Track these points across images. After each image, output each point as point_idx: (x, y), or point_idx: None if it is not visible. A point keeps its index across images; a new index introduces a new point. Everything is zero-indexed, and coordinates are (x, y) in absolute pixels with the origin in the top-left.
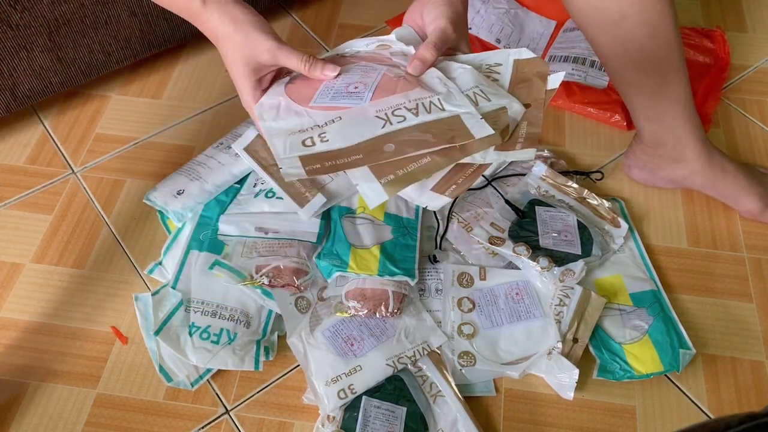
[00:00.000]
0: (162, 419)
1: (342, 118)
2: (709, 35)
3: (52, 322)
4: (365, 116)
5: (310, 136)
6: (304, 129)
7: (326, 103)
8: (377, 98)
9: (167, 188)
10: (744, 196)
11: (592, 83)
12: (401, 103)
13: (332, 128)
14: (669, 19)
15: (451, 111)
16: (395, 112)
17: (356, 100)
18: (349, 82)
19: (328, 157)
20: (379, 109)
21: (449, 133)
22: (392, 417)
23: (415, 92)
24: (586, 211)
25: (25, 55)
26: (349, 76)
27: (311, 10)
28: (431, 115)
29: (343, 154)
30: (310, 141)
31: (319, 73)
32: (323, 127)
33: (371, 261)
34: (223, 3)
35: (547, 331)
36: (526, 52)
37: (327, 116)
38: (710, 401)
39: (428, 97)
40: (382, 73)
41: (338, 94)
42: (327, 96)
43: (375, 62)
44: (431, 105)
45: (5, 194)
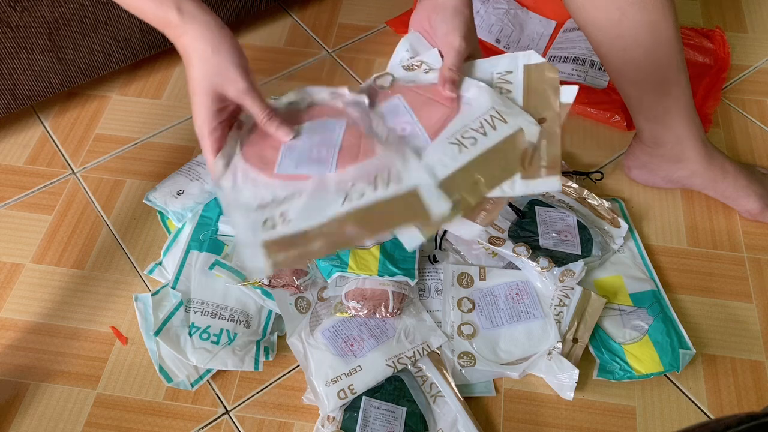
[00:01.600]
0: (162, 419)
1: (302, 193)
2: (708, 35)
3: (51, 323)
4: (326, 190)
5: (271, 215)
6: (264, 205)
7: (290, 171)
8: (342, 166)
9: (167, 188)
10: (744, 197)
11: (592, 83)
12: (359, 175)
13: (293, 205)
14: (669, 19)
15: (408, 186)
16: (354, 185)
17: (321, 167)
18: (311, 144)
19: (291, 243)
20: (340, 182)
21: (407, 212)
22: (392, 417)
23: (374, 161)
24: (586, 212)
25: (25, 56)
26: (309, 137)
27: (311, 10)
28: (389, 189)
29: (306, 239)
30: (271, 222)
31: (273, 130)
32: (283, 203)
33: (371, 261)
34: (199, 19)
35: (547, 331)
36: (535, 56)
37: (287, 189)
38: (710, 401)
39: (386, 169)
40: (342, 131)
41: (302, 161)
42: (291, 162)
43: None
44: (389, 178)
45: (5, 194)
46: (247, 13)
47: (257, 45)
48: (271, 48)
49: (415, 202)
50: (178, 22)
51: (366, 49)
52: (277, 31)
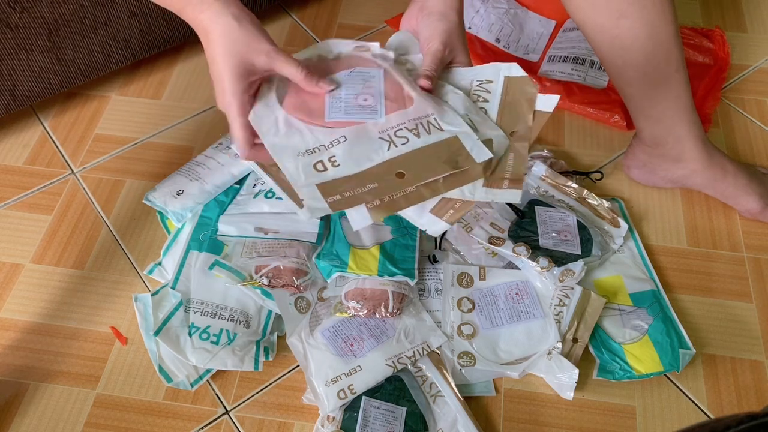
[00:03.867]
0: (162, 420)
1: (346, 138)
2: (708, 35)
3: (51, 323)
4: (369, 137)
5: (320, 159)
6: (311, 150)
7: (340, 118)
8: (390, 112)
9: (167, 189)
10: (744, 196)
11: (592, 83)
12: (401, 123)
13: (339, 150)
14: (669, 19)
15: (450, 131)
16: (397, 132)
17: (371, 114)
18: (356, 93)
19: (344, 186)
20: (382, 130)
21: (453, 157)
22: (392, 417)
23: (412, 109)
24: (586, 211)
25: (25, 56)
26: (351, 86)
27: (311, 10)
28: (432, 136)
29: (359, 181)
30: (321, 165)
31: (315, 85)
32: (329, 148)
33: (371, 261)
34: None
35: (547, 331)
36: (517, 69)
37: (331, 135)
38: (710, 401)
39: (425, 116)
40: (382, 78)
41: (350, 109)
42: (339, 110)
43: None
44: (429, 125)
45: (5, 194)
46: None
47: None
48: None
49: (458, 149)
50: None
51: None
52: (277, 31)
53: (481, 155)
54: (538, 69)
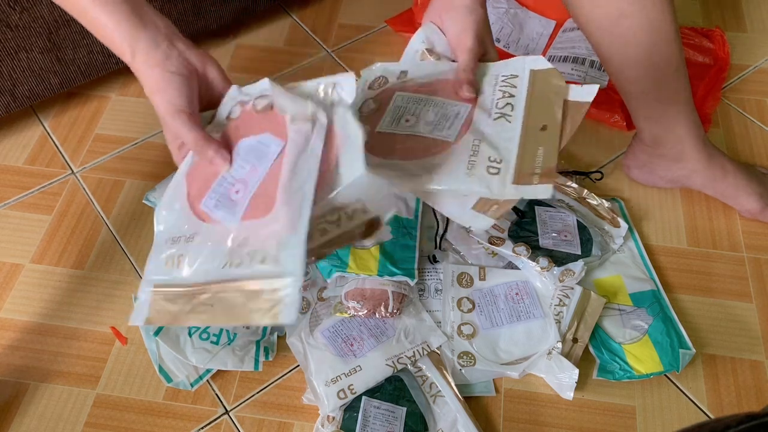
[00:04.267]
0: (162, 420)
1: (200, 235)
2: (708, 35)
3: (51, 323)
4: (216, 244)
5: (173, 252)
6: (175, 239)
7: (209, 210)
8: (246, 219)
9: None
10: (744, 196)
11: (592, 83)
12: (245, 238)
13: (190, 249)
14: (668, 18)
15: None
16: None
17: (230, 215)
18: (237, 179)
19: (172, 297)
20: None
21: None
22: (392, 417)
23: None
24: (586, 211)
25: (25, 56)
26: (242, 165)
27: (310, 10)
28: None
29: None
30: (171, 262)
31: (211, 157)
32: (186, 243)
33: (371, 261)
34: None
35: (547, 331)
36: (542, 61)
37: (193, 228)
38: (710, 401)
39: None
40: (271, 161)
41: (222, 200)
42: (213, 198)
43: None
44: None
45: (5, 195)
46: (247, 13)
47: (257, 45)
48: (271, 48)
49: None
50: (130, 62)
51: (366, 49)
52: (277, 31)
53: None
54: None
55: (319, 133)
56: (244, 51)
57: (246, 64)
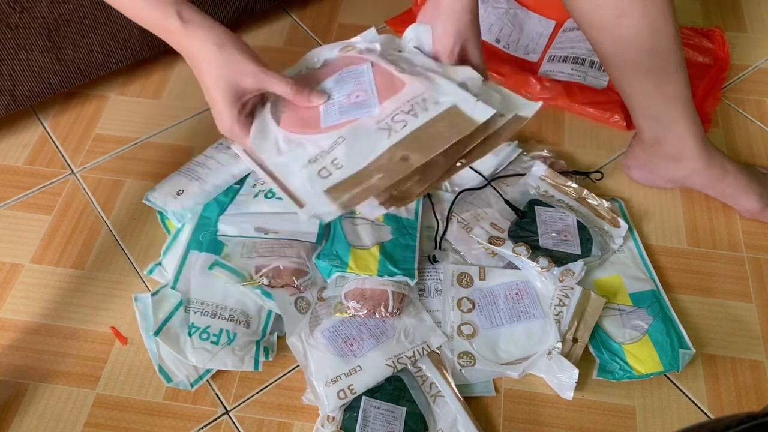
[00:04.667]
0: (162, 420)
1: (345, 137)
2: (708, 35)
3: (51, 323)
4: (367, 131)
5: (323, 165)
6: (313, 159)
7: (336, 121)
8: (384, 100)
9: (167, 189)
10: (744, 196)
11: (592, 83)
12: (397, 108)
13: (340, 151)
14: (668, 18)
15: (447, 102)
16: (395, 118)
17: (365, 108)
18: (347, 93)
19: (351, 184)
20: (379, 120)
21: (453, 125)
22: (392, 417)
23: (405, 92)
24: (586, 211)
25: (25, 56)
26: (342, 89)
27: (310, 10)
28: (429, 112)
29: (365, 176)
30: (325, 171)
31: (306, 99)
32: (330, 152)
33: (371, 261)
34: (205, 24)
35: (547, 331)
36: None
37: (330, 139)
38: (710, 401)
39: (420, 95)
40: (371, 71)
41: (344, 109)
42: (334, 114)
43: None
44: (425, 102)
45: (5, 195)
46: (247, 13)
47: (257, 45)
48: (271, 48)
49: (457, 115)
50: (179, 28)
51: None
52: (277, 31)
53: (483, 114)
54: (538, 69)
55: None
56: None
57: None
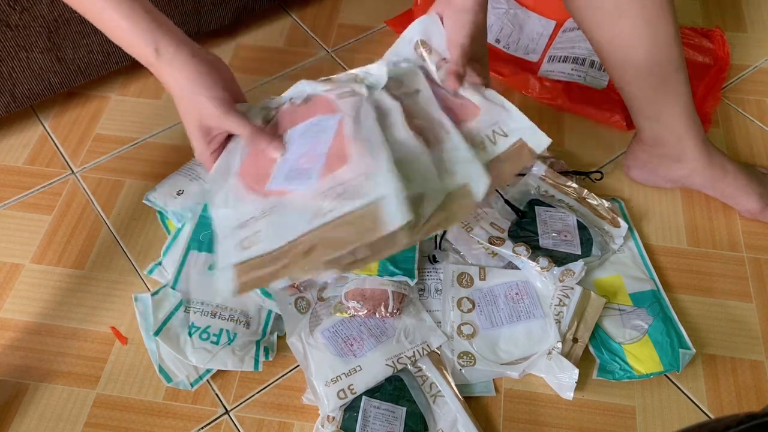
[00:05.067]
0: (162, 420)
1: (276, 209)
2: (708, 35)
3: (51, 323)
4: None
5: (248, 234)
6: (243, 223)
7: (279, 186)
8: (324, 175)
9: (167, 188)
10: (744, 195)
11: (592, 83)
12: (331, 188)
13: (265, 223)
14: (668, 17)
15: (373, 195)
16: (323, 202)
17: (305, 180)
18: (301, 153)
19: (258, 265)
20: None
21: (366, 225)
22: (392, 417)
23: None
24: (586, 211)
25: (25, 56)
26: (301, 144)
27: (311, 10)
28: (354, 202)
29: (272, 259)
30: (248, 242)
31: (263, 148)
32: (259, 220)
33: None
34: (177, 58)
35: (547, 331)
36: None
37: (265, 205)
38: (710, 401)
39: (355, 177)
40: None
41: (291, 174)
42: (281, 176)
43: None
44: (356, 188)
45: (5, 195)
46: (247, 13)
47: (257, 45)
48: (271, 48)
49: (375, 214)
50: (154, 62)
51: (365, 49)
52: (277, 31)
53: (395, 221)
54: (538, 69)
55: (366, 101)
56: (244, 51)
57: (246, 64)
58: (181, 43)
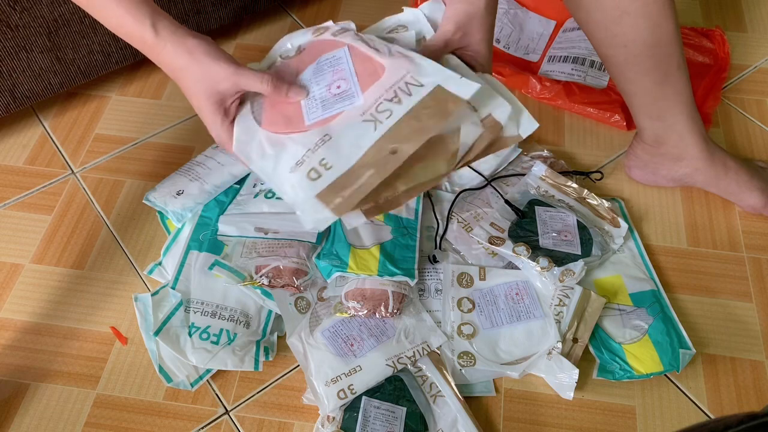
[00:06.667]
0: (162, 420)
1: (331, 135)
2: (708, 35)
3: (51, 323)
4: (353, 125)
5: (311, 166)
6: (300, 161)
7: (320, 117)
8: (366, 89)
9: (167, 189)
10: (746, 192)
11: (592, 83)
12: (380, 96)
13: (327, 149)
14: (669, 16)
15: (430, 83)
16: (378, 108)
17: (348, 100)
18: (327, 84)
19: (342, 185)
20: (364, 111)
21: (440, 106)
22: (392, 417)
23: (386, 76)
24: (586, 211)
25: (25, 56)
26: (320, 79)
27: (311, 10)
28: (413, 97)
29: (355, 174)
30: (314, 173)
31: (284, 95)
32: (317, 150)
33: (371, 261)
34: (176, 34)
35: (547, 331)
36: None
37: (315, 137)
38: (710, 401)
39: (401, 78)
40: (349, 57)
41: (327, 103)
42: (317, 109)
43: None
44: (408, 86)
45: (5, 195)
46: (247, 12)
47: (257, 45)
48: (272, 48)
49: (443, 95)
50: (153, 41)
51: None
52: (277, 31)
53: (468, 89)
54: (538, 69)
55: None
56: (244, 51)
57: (246, 63)
58: (178, 24)
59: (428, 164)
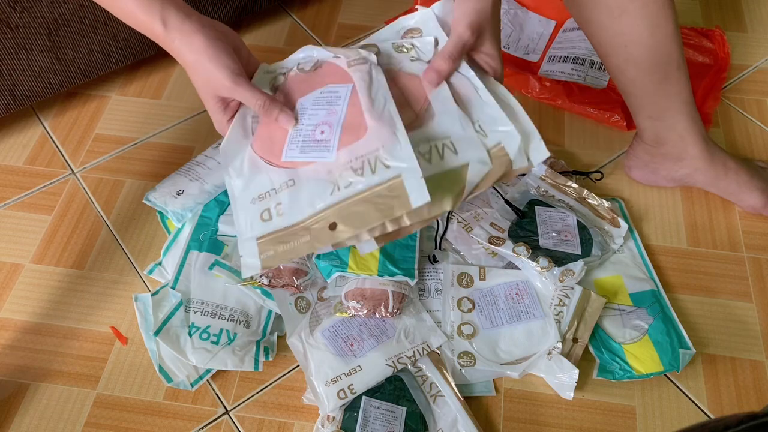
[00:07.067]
0: (162, 420)
1: (295, 181)
2: (708, 35)
3: (51, 323)
4: (316, 179)
5: (268, 206)
6: (263, 195)
7: (296, 157)
8: (342, 147)
9: (167, 189)
10: (746, 192)
11: (592, 83)
12: (348, 161)
13: (287, 195)
14: (669, 16)
15: (395, 169)
16: (342, 174)
17: (323, 151)
18: (315, 124)
19: (281, 239)
20: (330, 170)
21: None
22: (392, 417)
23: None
24: (586, 211)
25: (25, 56)
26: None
27: (311, 10)
28: (375, 176)
29: (295, 234)
30: (267, 214)
31: (274, 119)
32: (279, 192)
33: (371, 261)
34: (183, 30)
35: (547, 331)
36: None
37: (283, 176)
38: (710, 401)
39: (374, 151)
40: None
41: (306, 145)
42: (296, 147)
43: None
44: (376, 162)
45: (5, 195)
46: (247, 12)
47: (257, 45)
48: (271, 48)
49: (397, 192)
50: (163, 34)
51: None
52: (277, 31)
53: (419, 197)
54: (538, 69)
55: (377, 69)
56: None
57: None
58: (188, 14)
59: (434, 202)
